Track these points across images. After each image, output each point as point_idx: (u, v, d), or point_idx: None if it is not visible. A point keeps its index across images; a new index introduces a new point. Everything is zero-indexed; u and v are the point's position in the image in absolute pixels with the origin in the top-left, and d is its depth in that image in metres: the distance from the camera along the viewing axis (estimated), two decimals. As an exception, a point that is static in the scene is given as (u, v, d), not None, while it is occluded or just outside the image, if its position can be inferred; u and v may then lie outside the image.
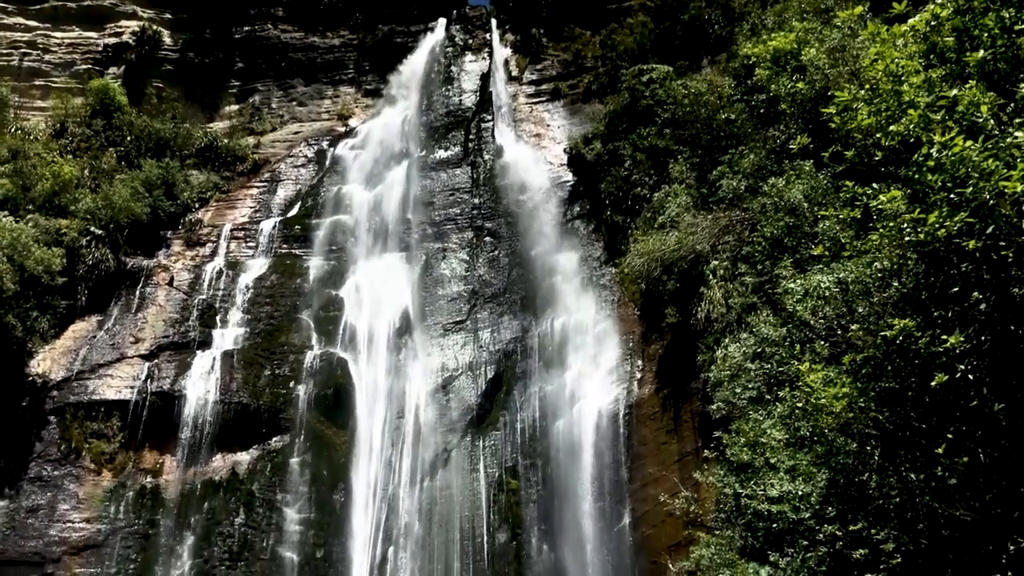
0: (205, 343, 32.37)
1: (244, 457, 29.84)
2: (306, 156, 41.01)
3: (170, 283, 34.41)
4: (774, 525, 14.07)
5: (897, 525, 10.93)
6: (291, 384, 31.23)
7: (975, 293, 9.17)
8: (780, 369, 15.84)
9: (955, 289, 9.37)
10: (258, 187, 39.79)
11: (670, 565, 18.26)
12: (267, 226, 37.30)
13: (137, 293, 33.82)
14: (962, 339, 8.97)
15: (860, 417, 11.12)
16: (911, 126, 10.01)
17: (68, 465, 28.88)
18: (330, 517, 28.97)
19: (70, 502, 28.31)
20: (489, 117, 40.52)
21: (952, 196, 9.28)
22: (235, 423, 30.24)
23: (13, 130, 38.54)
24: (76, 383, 30.58)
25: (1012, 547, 9.66)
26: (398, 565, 28.41)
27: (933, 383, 9.12)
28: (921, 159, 9.62)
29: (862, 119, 10.72)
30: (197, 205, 38.43)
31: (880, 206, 10.09)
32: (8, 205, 32.20)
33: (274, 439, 30.23)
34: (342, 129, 43.15)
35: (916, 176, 9.75)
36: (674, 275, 24.95)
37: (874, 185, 10.51)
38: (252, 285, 34.48)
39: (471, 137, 39.78)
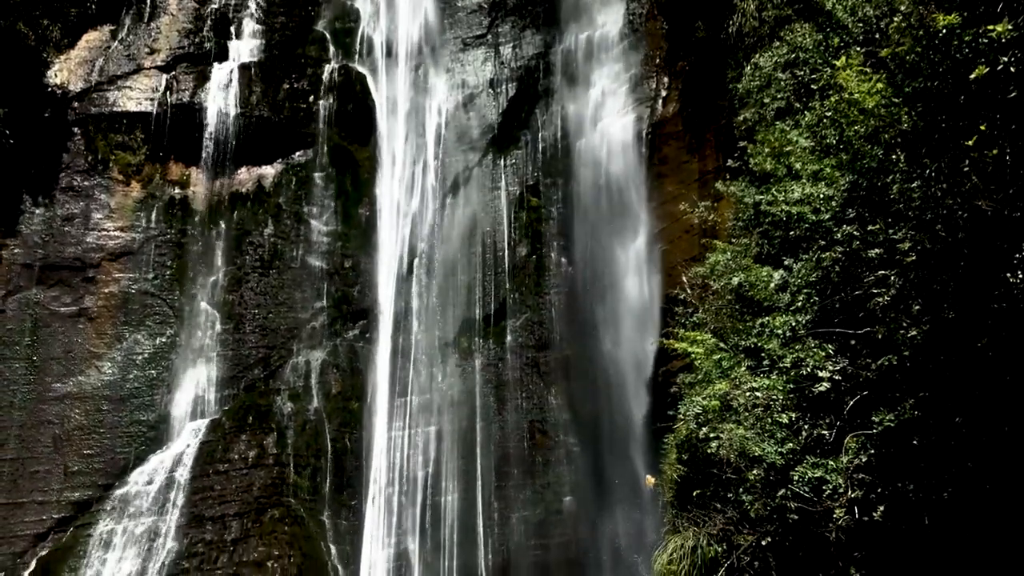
0: (221, 55, 31.62)
1: (269, 171, 30.23)
2: None
3: (181, -10, 33.09)
4: (791, 232, 14.33)
5: (915, 225, 11.11)
6: (310, 98, 30.91)
7: (1031, -22, 8.69)
8: (812, 77, 15.44)
9: (1010, -26, 8.87)
10: None
11: (684, 274, 18.83)
12: (277, -71, 35.08)
13: (148, 1, 32.58)
14: (1010, 27, 8.61)
15: (890, 117, 10.96)
16: None
17: (97, 176, 29.39)
18: (356, 230, 29.83)
19: (103, 211, 29.13)
20: None
21: None
22: (257, 137, 30.30)
23: None
24: (96, 95, 30.34)
25: (1026, 245, 9.86)
26: (422, 276, 29.61)
27: (972, 75, 8.87)
28: None
29: None
30: (200, -96, 35.98)
31: None
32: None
33: (297, 154, 30.45)
34: None
35: None
36: (707, -17, 23.69)
37: None
38: (265, -7, 33.12)
39: None
